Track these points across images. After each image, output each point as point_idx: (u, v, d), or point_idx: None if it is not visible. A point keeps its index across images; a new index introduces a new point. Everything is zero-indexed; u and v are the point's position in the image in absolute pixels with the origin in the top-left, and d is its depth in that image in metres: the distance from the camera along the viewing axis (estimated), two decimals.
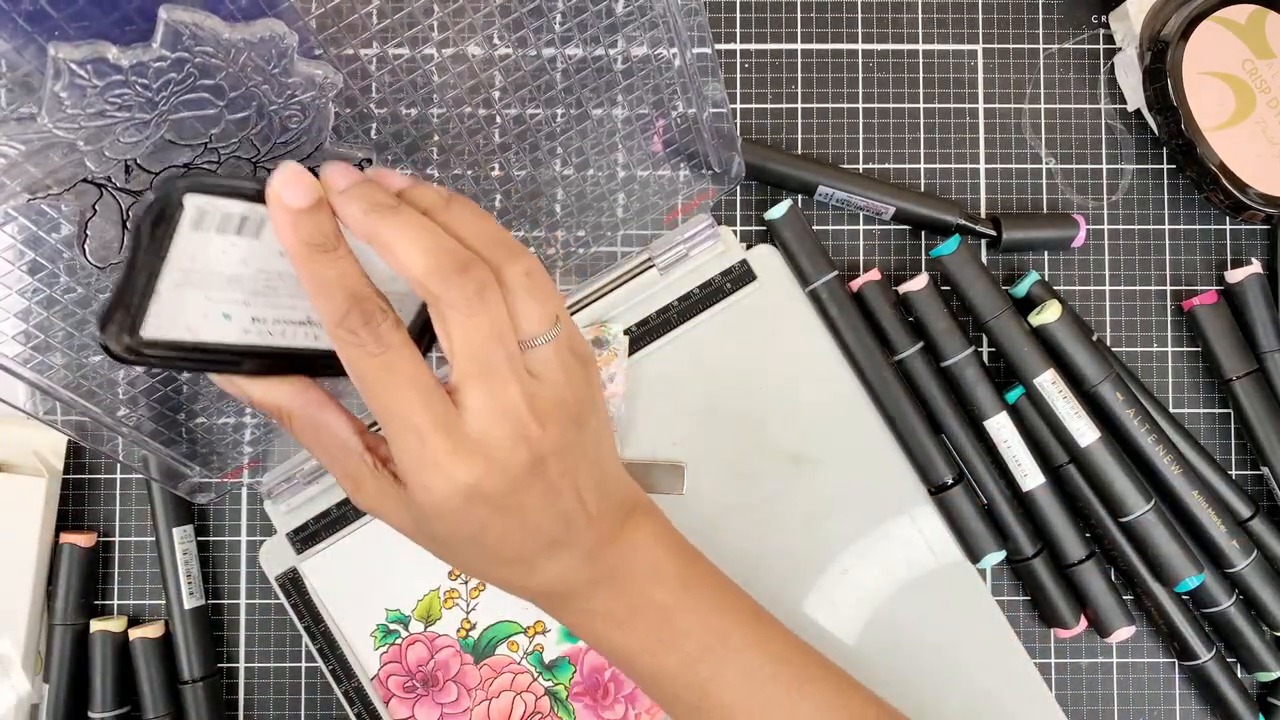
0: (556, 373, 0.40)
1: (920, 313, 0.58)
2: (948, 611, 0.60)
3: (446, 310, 0.38)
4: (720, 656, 0.45)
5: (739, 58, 0.62)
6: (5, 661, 0.58)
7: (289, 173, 0.37)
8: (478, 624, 0.59)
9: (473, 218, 0.40)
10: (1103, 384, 0.57)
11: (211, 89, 0.38)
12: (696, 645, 0.45)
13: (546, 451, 0.40)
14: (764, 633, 0.47)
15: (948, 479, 0.58)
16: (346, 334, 0.38)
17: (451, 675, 0.59)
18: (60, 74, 0.34)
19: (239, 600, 0.61)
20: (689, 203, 0.60)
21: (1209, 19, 0.58)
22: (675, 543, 0.47)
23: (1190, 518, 0.57)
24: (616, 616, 0.45)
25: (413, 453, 0.39)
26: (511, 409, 0.39)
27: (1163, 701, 0.60)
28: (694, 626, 0.45)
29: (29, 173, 0.37)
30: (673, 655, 0.45)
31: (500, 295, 0.39)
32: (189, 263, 0.38)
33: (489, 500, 0.39)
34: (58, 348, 0.47)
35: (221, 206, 0.38)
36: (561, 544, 0.43)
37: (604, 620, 0.45)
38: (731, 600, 0.47)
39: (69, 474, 0.61)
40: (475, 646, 0.59)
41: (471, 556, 0.43)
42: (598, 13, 0.47)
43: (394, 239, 0.37)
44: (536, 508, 0.41)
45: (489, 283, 0.38)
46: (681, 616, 0.45)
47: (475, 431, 0.39)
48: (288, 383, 0.43)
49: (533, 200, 0.57)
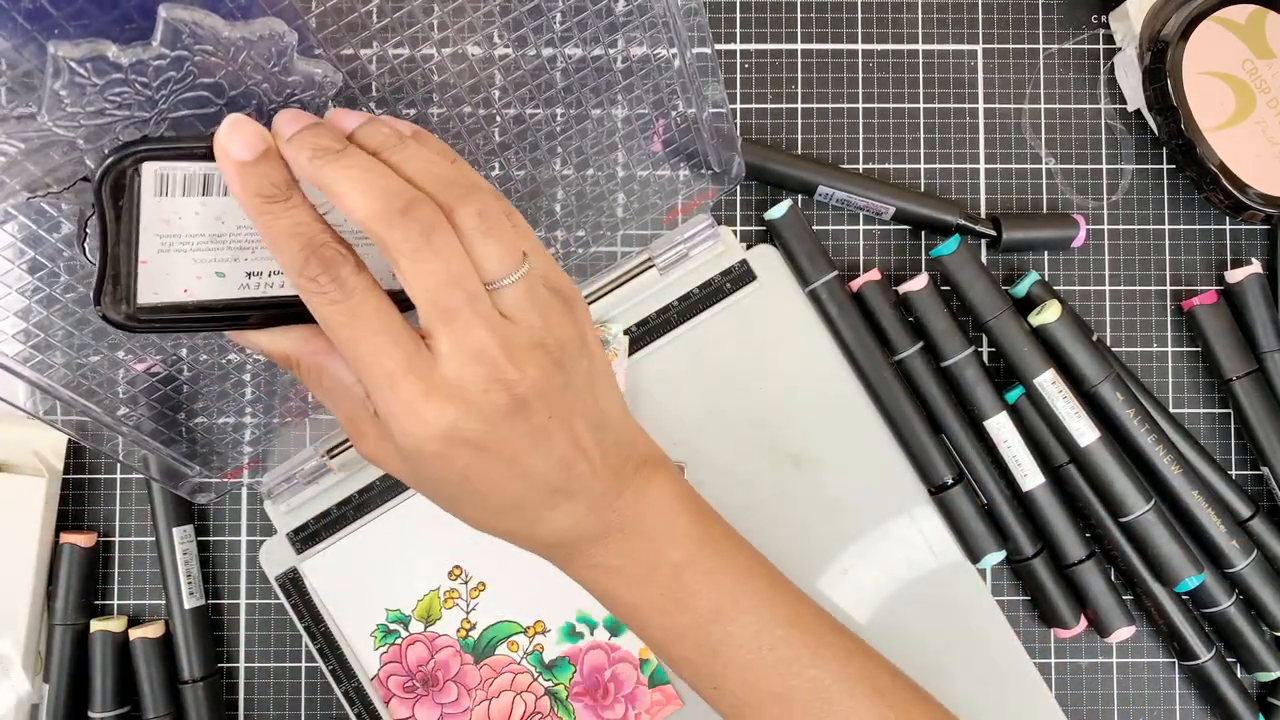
0: (530, 314, 0.39)
1: (920, 313, 0.58)
2: (948, 611, 0.60)
3: (395, 255, 0.37)
4: (731, 618, 0.44)
5: (739, 58, 0.62)
6: (5, 661, 0.58)
7: (233, 125, 0.36)
8: (478, 624, 0.59)
9: (424, 156, 0.39)
10: (1102, 384, 0.57)
11: (211, 87, 0.38)
12: (708, 605, 0.44)
13: (528, 394, 0.39)
14: (778, 596, 0.46)
15: (948, 479, 0.58)
16: (308, 283, 0.37)
17: (451, 675, 0.59)
18: (60, 72, 0.34)
19: (239, 600, 0.61)
20: (689, 203, 0.60)
21: (1209, 19, 0.58)
22: (690, 498, 0.46)
23: (1190, 518, 0.57)
24: (626, 572, 0.44)
25: (387, 397, 0.38)
26: (482, 352, 0.38)
27: (1163, 701, 0.60)
28: (706, 586, 0.44)
29: (29, 171, 0.37)
30: (684, 615, 0.44)
31: (453, 237, 0.37)
32: (165, 228, 0.39)
33: (469, 443, 0.39)
34: (58, 346, 0.47)
35: (181, 169, 0.38)
36: (563, 492, 0.42)
37: (614, 576, 0.44)
38: (746, 561, 0.46)
39: (69, 474, 0.61)
40: (475, 646, 0.59)
41: (469, 505, 0.42)
42: (597, 12, 0.47)
43: (337, 182, 0.36)
44: (526, 452, 0.40)
45: (437, 224, 0.37)
46: (694, 576, 0.44)
47: (449, 375, 0.38)
48: (294, 330, 0.43)
49: (533, 200, 0.57)
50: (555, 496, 0.42)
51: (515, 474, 0.40)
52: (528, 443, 0.40)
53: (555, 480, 0.41)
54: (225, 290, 0.41)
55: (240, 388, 0.57)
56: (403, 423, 0.38)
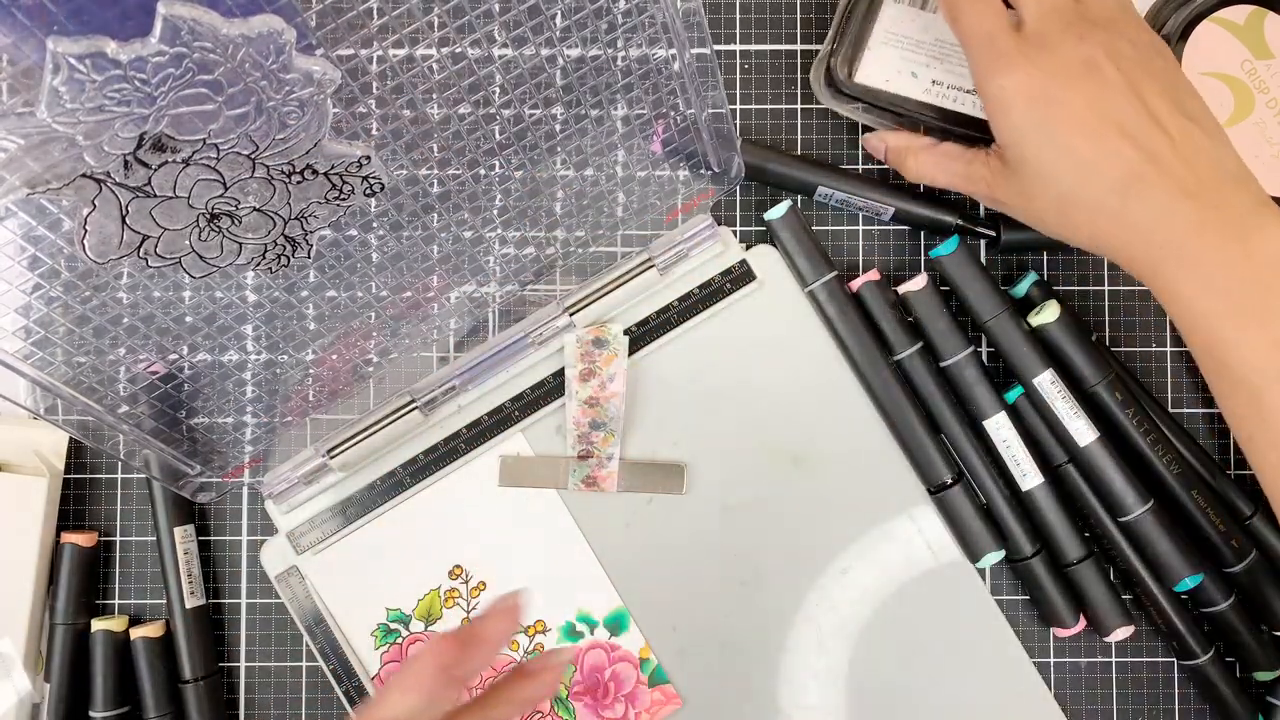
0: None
1: (919, 313, 0.58)
2: (947, 611, 0.60)
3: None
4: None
5: (739, 58, 0.62)
6: (6, 661, 0.58)
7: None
8: None
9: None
10: (1101, 384, 0.57)
11: (210, 84, 0.38)
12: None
13: (1098, 49, 0.48)
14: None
15: (947, 479, 0.58)
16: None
17: None
18: (59, 68, 0.35)
19: (239, 600, 0.61)
20: (689, 203, 0.60)
21: (1208, 20, 0.58)
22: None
23: (1189, 517, 0.57)
24: (1232, 296, 0.46)
25: (985, 56, 0.49)
26: (1061, 7, 0.49)
27: (1162, 701, 0.60)
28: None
29: (28, 167, 0.37)
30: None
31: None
32: (891, 25, 0.56)
33: (1047, 91, 0.48)
34: (58, 344, 0.48)
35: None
36: (1140, 177, 0.47)
37: (1213, 298, 0.47)
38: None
39: (70, 473, 0.61)
40: None
41: (1055, 190, 0.49)
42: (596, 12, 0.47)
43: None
44: (1097, 107, 0.47)
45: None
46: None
47: (1032, 30, 0.49)
48: (912, 134, 0.58)
49: (533, 200, 0.58)
50: (1131, 181, 0.47)
51: (1090, 137, 0.47)
52: (1099, 97, 0.47)
53: (1128, 157, 0.47)
54: (913, 90, 0.57)
55: (241, 387, 0.57)
56: (999, 77, 0.49)
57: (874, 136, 0.59)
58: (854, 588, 0.60)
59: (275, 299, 0.54)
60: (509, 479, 0.60)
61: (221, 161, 0.41)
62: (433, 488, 0.60)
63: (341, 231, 0.53)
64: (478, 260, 0.59)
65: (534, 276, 0.61)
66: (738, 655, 0.59)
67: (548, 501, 0.60)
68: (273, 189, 0.44)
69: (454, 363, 0.60)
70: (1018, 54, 0.49)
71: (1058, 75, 0.48)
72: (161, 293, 0.50)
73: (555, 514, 0.60)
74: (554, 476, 0.60)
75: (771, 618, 0.59)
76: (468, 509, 0.60)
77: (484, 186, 0.55)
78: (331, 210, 0.47)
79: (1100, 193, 0.48)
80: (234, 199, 0.43)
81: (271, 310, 0.55)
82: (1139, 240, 0.48)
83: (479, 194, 0.56)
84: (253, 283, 0.55)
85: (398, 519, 0.60)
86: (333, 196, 0.46)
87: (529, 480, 0.60)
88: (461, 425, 0.60)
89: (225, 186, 0.42)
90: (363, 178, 0.46)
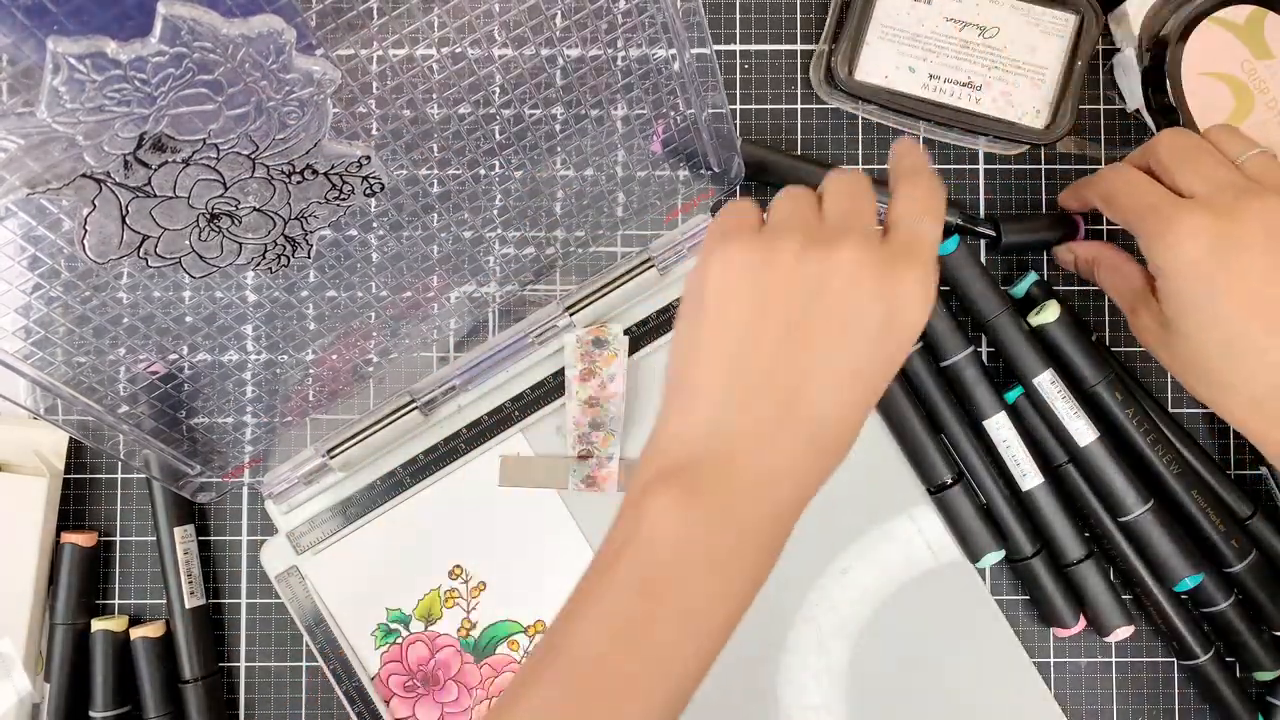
0: (1269, 171, 0.49)
1: None
2: (947, 611, 0.60)
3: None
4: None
5: (739, 58, 0.62)
6: (6, 661, 0.58)
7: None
8: (478, 623, 0.60)
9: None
10: (1101, 384, 0.57)
11: (210, 84, 0.38)
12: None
13: (1277, 215, 0.46)
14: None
15: (947, 478, 0.58)
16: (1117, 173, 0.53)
17: (452, 674, 0.59)
18: (59, 68, 0.35)
19: (239, 600, 0.61)
20: (689, 203, 0.60)
21: (1208, 20, 0.58)
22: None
23: (1189, 517, 0.57)
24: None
25: (1151, 225, 0.48)
26: (1234, 179, 0.48)
27: (1162, 700, 0.60)
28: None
29: (28, 167, 0.37)
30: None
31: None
32: (887, 19, 0.56)
33: (1218, 255, 0.46)
34: (58, 344, 0.48)
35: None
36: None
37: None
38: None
39: (70, 473, 0.61)
40: (476, 646, 0.59)
41: (1215, 378, 0.49)
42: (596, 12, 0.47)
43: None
44: (1276, 285, 0.46)
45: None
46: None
47: (1204, 198, 0.48)
48: (1101, 245, 0.57)
49: (533, 200, 0.58)
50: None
51: (1267, 304, 0.46)
52: (1276, 264, 0.46)
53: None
54: (911, 86, 0.57)
55: (241, 387, 0.57)
56: (1162, 235, 0.48)
57: (1064, 249, 0.59)
58: (854, 588, 0.60)
59: (275, 299, 0.54)
60: (509, 479, 0.60)
61: (221, 161, 0.41)
62: (433, 488, 0.60)
63: (341, 231, 0.53)
64: (478, 260, 0.59)
65: (534, 276, 0.61)
66: (737, 655, 0.59)
67: (548, 501, 0.60)
68: (273, 189, 0.44)
69: (454, 363, 0.60)
70: (1185, 215, 0.47)
71: (1232, 241, 0.46)
72: (161, 293, 0.50)
73: (555, 514, 0.60)
74: (554, 476, 0.60)
75: (772, 617, 0.59)
76: (468, 509, 0.60)
77: (484, 186, 0.56)
78: (331, 210, 0.47)
79: (1266, 386, 0.46)
80: (234, 199, 0.43)
81: (271, 310, 0.55)
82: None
83: (479, 194, 0.56)
84: (253, 283, 0.55)
85: (398, 519, 0.60)
86: (333, 196, 0.46)
87: (529, 480, 0.60)
88: (461, 425, 0.60)
89: (225, 186, 0.42)
90: (363, 178, 0.46)
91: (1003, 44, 0.58)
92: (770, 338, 0.40)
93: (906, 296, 0.40)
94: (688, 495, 0.39)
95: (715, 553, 0.39)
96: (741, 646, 0.59)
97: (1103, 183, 0.53)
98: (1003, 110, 0.58)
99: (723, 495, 0.39)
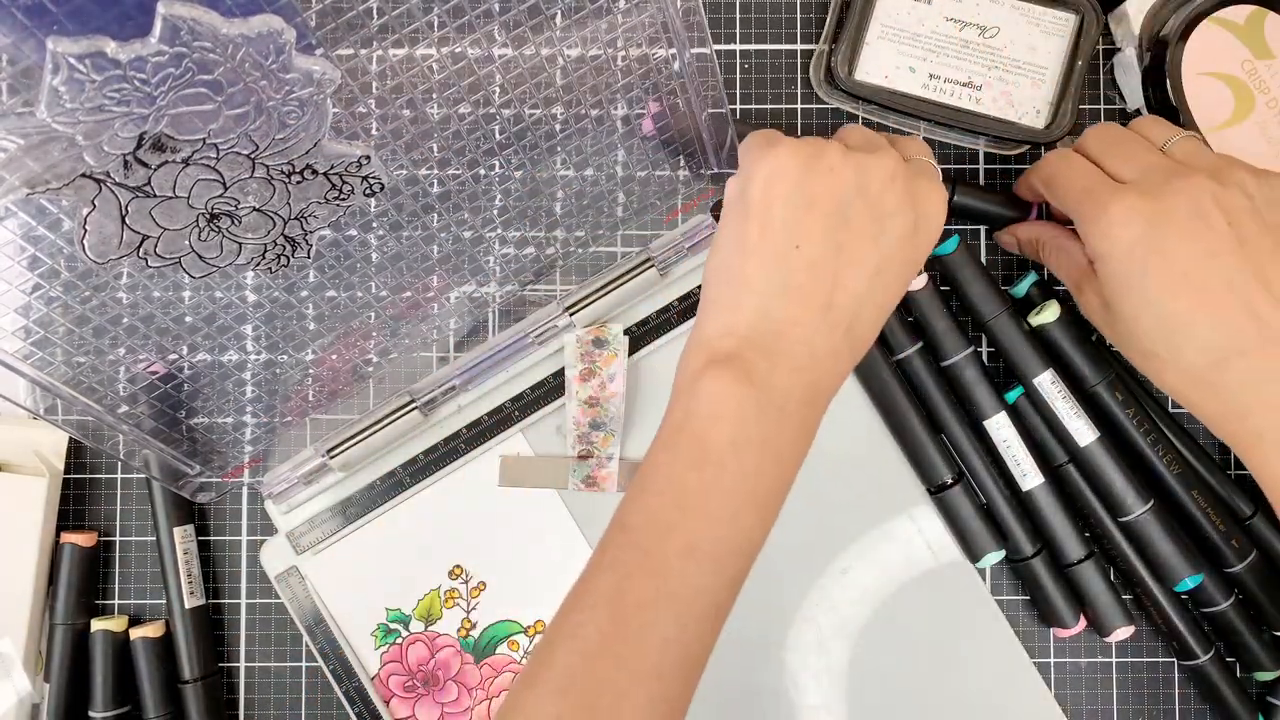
0: (1195, 155, 0.50)
1: (920, 312, 0.58)
2: (947, 611, 0.60)
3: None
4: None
5: (739, 58, 0.62)
6: (6, 661, 0.58)
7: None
8: (478, 623, 0.60)
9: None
10: (1101, 384, 0.57)
11: (210, 84, 0.38)
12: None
13: (1205, 196, 0.47)
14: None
15: (947, 478, 0.58)
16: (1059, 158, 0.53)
17: (452, 675, 0.59)
18: (59, 68, 0.35)
19: (239, 600, 0.61)
20: (689, 202, 0.60)
21: (1208, 20, 0.58)
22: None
23: (1189, 517, 0.57)
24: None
25: (1086, 209, 0.49)
26: (1161, 162, 0.50)
27: (1162, 701, 0.60)
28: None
29: (28, 167, 0.37)
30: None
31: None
32: (887, 19, 0.56)
33: (1147, 238, 0.47)
34: (58, 344, 0.48)
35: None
36: (1243, 351, 0.46)
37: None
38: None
39: (70, 474, 0.61)
40: (475, 646, 0.59)
41: (1149, 349, 0.49)
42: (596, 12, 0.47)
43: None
44: (1201, 264, 0.46)
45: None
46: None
47: (1132, 181, 0.49)
48: (1043, 225, 0.57)
49: (533, 200, 0.58)
50: (1237, 339, 0.46)
51: (1191, 283, 0.47)
52: (1201, 244, 0.47)
53: (1233, 318, 0.46)
54: (911, 86, 0.57)
55: (241, 387, 0.57)
56: (1101, 225, 0.48)
57: (1004, 232, 0.60)
58: (854, 588, 0.60)
59: (275, 299, 0.54)
60: (509, 479, 0.60)
61: (221, 161, 0.41)
62: (433, 488, 0.60)
63: (341, 231, 0.53)
64: (478, 260, 0.59)
65: (534, 276, 0.61)
66: (738, 655, 0.59)
67: (548, 501, 0.60)
68: (273, 189, 0.44)
69: (454, 363, 0.60)
70: (1116, 200, 0.48)
71: (1160, 223, 0.47)
72: (161, 293, 0.50)
73: (555, 514, 0.60)
74: (554, 476, 0.60)
75: (772, 617, 0.59)
76: (468, 509, 0.60)
77: (484, 186, 0.55)
78: (331, 210, 0.47)
79: (1195, 360, 0.47)
80: (234, 199, 0.43)
81: (271, 310, 0.55)
82: (1234, 414, 0.47)
83: (479, 194, 0.56)
84: (253, 283, 0.55)
85: (398, 519, 0.60)
86: (333, 196, 0.46)
87: (529, 480, 0.60)
88: (461, 425, 0.60)
89: (225, 186, 0.42)
90: (363, 178, 0.46)
91: (1003, 44, 0.58)
92: (817, 231, 0.45)
93: (931, 204, 0.47)
94: (743, 377, 0.43)
95: (766, 430, 0.44)
96: (742, 646, 0.59)
97: (1046, 167, 0.54)
98: (1003, 110, 0.58)
99: (773, 377, 0.44)
